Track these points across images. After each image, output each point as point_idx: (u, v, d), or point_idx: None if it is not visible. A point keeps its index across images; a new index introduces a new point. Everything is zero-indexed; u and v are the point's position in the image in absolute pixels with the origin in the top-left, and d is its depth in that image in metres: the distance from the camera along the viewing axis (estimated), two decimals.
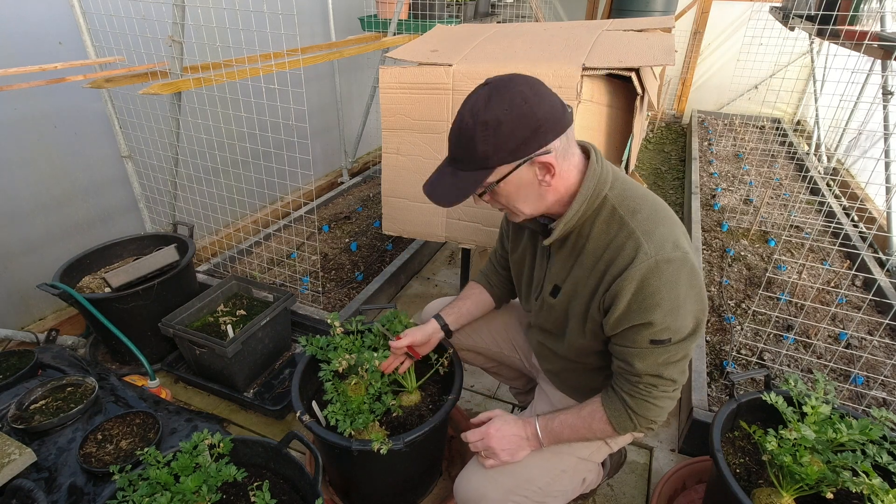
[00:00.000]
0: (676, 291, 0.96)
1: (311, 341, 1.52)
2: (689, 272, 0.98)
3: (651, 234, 0.98)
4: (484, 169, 0.98)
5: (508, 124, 0.93)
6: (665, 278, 0.95)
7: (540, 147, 0.96)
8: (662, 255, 0.96)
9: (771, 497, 1.22)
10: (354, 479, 1.50)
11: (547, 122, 0.95)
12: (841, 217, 3.02)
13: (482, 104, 0.95)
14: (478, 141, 0.95)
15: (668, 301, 0.96)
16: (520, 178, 0.99)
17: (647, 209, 1.03)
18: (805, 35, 3.98)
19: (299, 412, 1.34)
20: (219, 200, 2.53)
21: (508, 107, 0.93)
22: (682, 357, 1.04)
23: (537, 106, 0.94)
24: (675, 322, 0.98)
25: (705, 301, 1.03)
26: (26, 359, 1.80)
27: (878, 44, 1.97)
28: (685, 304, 0.98)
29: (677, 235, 1.00)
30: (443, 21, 3.42)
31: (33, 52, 2.07)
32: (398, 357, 1.44)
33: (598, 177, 1.03)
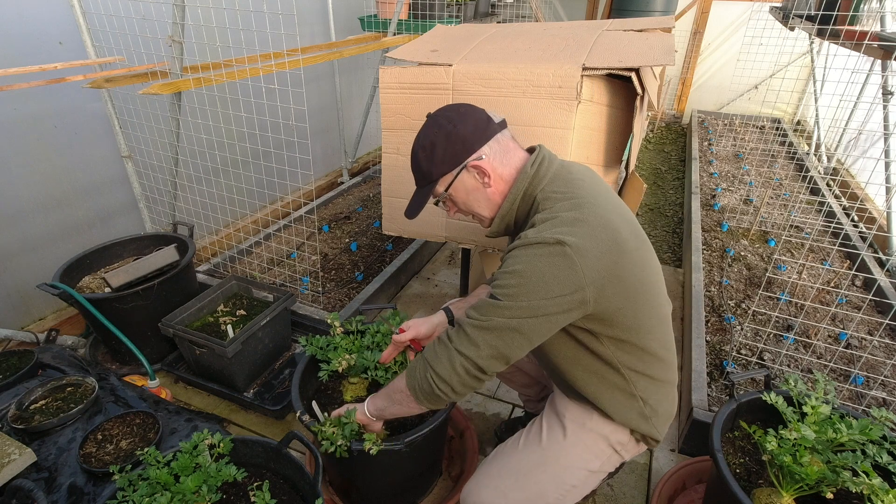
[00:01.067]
0: (532, 264, 0.99)
1: (311, 341, 1.52)
2: (555, 261, 0.97)
3: (542, 223, 1.05)
4: (431, 182, 1.20)
5: (440, 143, 1.15)
6: (527, 253, 1.01)
7: (469, 155, 1.15)
8: (535, 237, 1.01)
9: (771, 497, 1.22)
10: (354, 480, 1.50)
11: (472, 135, 1.15)
12: (841, 217, 3.02)
13: (421, 133, 1.20)
14: (421, 161, 1.19)
15: (517, 264, 1.01)
16: (464, 184, 1.18)
17: (561, 207, 1.06)
18: (805, 35, 3.98)
19: (299, 412, 1.34)
20: (219, 200, 2.53)
21: (436, 130, 1.16)
22: (496, 327, 1.00)
23: (461, 124, 1.15)
24: (515, 286, 0.99)
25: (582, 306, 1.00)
26: (26, 359, 1.80)
27: (878, 44, 1.97)
28: (536, 280, 0.97)
29: (567, 231, 0.99)
30: (443, 21, 3.42)
31: (33, 52, 2.07)
32: (398, 348, 1.43)
33: (528, 179, 1.15)
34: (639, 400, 1.18)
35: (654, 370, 1.18)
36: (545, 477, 1.21)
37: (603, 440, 1.23)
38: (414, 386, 1.11)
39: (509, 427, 1.88)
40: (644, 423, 1.20)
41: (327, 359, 1.47)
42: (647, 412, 1.20)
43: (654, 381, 1.18)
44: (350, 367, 1.46)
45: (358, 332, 1.58)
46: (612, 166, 1.88)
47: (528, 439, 1.29)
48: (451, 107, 1.21)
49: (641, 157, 4.80)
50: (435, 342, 1.11)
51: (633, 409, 1.19)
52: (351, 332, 1.58)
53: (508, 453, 1.28)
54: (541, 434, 1.28)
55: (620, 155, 1.87)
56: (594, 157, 1.83)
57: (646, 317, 1.11)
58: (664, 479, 1.63)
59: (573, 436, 1.23)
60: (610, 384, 1.17)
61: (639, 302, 1.08)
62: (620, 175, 1.93)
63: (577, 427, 1.24)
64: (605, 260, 1.00)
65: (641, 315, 1.10)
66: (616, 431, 1.22)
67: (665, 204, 3.90)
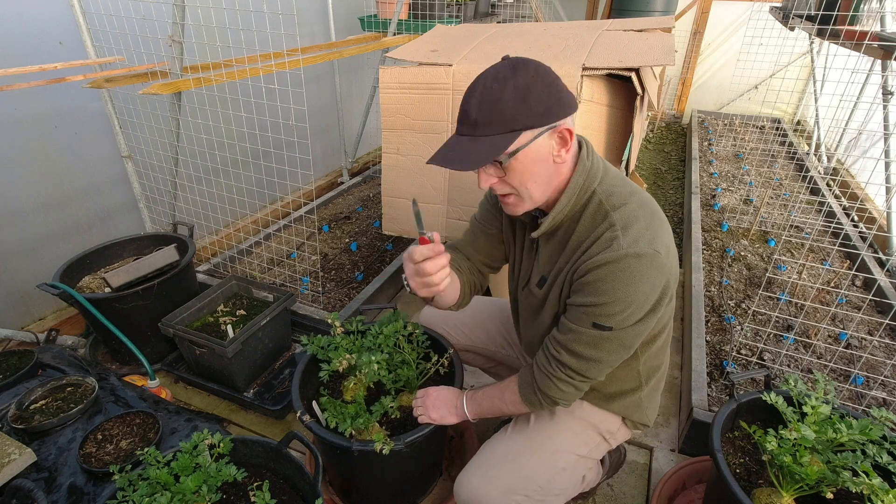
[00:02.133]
0: (636, 287, 0.96)
1: (312, 340, 1.52)
2: (654, 274, 0.97)
3: (629, 228, 0.98)
4: (511, 132, 0.93)
5: (537, 89, 0.93)
6: (630, 271, 0.95)
7: (564, 117, 0.96)
8: (634, 249, 0.95)
9: (771, 497, 1.22)
10: (355, 480, 1.50)
11: (566, 94, 0.97)
12: (841, 217, 3.02)
13: (508, 72, 0.94)
14: (507, 101, 0.92)
15: (622, 290, 0.96)
16: (539, 149, 0.97)
17: (633, 205, 1.03)
18: (805, 35, 3.98)
19: (299, 412, 1.34)
20: (219, 200, 2.53)
21: (535, 74, 0.94)
22: (610, 352, 1.04)
23: (558, 79, 0.97)
24: (623, 312, 0.98)
25: (664, 307, 1.03)
26: (26, 359, 1.80)
27: (878, 44, 1.97)
28: (641, 300, 0.98)
29: (656, 234, 0.99)
30: (443, 21, 3.42)
31: (33, 52, 2.07)
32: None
33: (587, 171, 1.04)
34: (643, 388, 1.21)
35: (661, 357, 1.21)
36: (533, 460, 1.22)
37: (592, 428, 1.25)
38: (535, 404, 1.16)
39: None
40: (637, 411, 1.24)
41: (328, 358, 1.47)
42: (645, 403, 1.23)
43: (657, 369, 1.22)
44: (350, 367, 1.46)
45: (358, 332, 1.58)
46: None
47: (516, 426, 1.31)
48: (535, 60, 0.99)
49: (641, 157, 4.80)
50: (550, 378, 1.10)
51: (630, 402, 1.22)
52: (351, 332, 1.58)
53: (496, 441, 1.30)
54: (528, 420, 1.30)
55: (620, 155, 1.87)
56: None
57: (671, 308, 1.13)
58: (664, 479, 1.63)
59: (561, 421, 1.25)
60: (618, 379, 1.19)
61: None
62: None
63: (566, 413, 1.26)
64: (675, 252, 1.03)
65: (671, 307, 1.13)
66: (606, 420, 1.24)
67: (665, 204, 3.90)
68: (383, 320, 1.57)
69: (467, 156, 0.94)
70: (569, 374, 1.07)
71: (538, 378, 1.12)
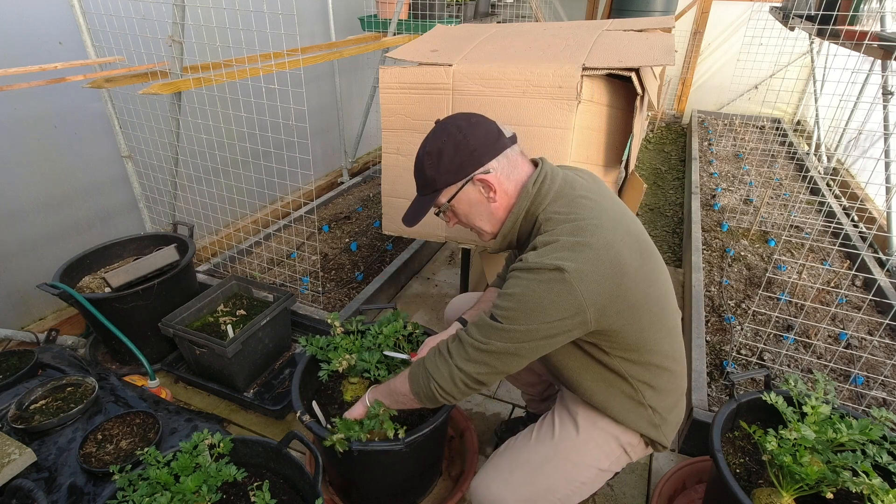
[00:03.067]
0: (531, 289, 0.99)
1: (311, 341, 1.52)
2: (554, 287, 0.97)
3: (543, 246, 1.03)
4: (435, 191, 1.17)
5: (448, 151, 1.12)
6: (526, 277, 1.01)
7: (477, 168, 1.12)
8: (537, 260, 1.00)
9: (771, 497, 1.22)
10: (355, 480, 1.50)
11: (481, 146, 1.12)
12: (841, 217, 3.02)
13: (429, 138, 1.16)
14: (426, 168, 1.15)
15: (517, 288, 1.01)
16: (468, 197, 1.16)
17: (561, 231, 1.05)
18: (805, 35, 3.98)
19: (299, 412, 1.34)
20: (219, 200, 2.53)
21: (445, 137, 1.13)
22: (495, 350, 1.03)
23: (471, 134, 1.12)
24: (513, 310, 1.01)
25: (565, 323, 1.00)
26: (26, 359, 1.80)
27: (878, 44, 1.97)
28: (534, 306, 0.99)
29: (568, 257, 0.98)
30: (443, 21, 3.42)
31: (33, 52, 2.07)
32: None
33: (529, 199, 1.13)
34: (648, 409, 1.18)
35: (662, 381, 1.17)
36: (556, 472, 1.21)
37: (614, 440, 1.23)
38: (418, 392, 1.16)
39: (509, 427, 1.88)
40: (653, 430, 1.20)
41: (327, 359, 1.47)
42: (657, 420, 1.19)
43: (662, 392, 1.19)
44: (350, 367, 1.46)
45: (358, 332, 1.58)
46: (612, 166, 1.88)
47: (539, 434, 1.29)
48: (462, 115, 1.18)
49: (641, 157, 4.80)
50: (436, 353, 1.14)
51: (642, 417, 1.19)
52: (351, 332, 1.58)
53: (519, 447, 1.28)
54: (553, 429, 1.28)
55: (620, 155, 1.87)
56: (594, 157, 1.83)
57: (652, 331, 1.11)
58: (664, 479, 1.63)
59: (585, 433, 1.23)
60: (618, 392, 1.17)
61: (644, 318, 1.08)
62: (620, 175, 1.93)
63: (590, 425, 1.24)
64: (606, 283, 1.00)
65: (647, 330, 1.10)
66: (626, 433, 1.22)
67: (665, 204, 3.90)
68: (383, 320, 1.57)
69: (414, 212, 1.22)
70: (450, 354, 1.10)
71: (430, 352, 1.16)
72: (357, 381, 1.52)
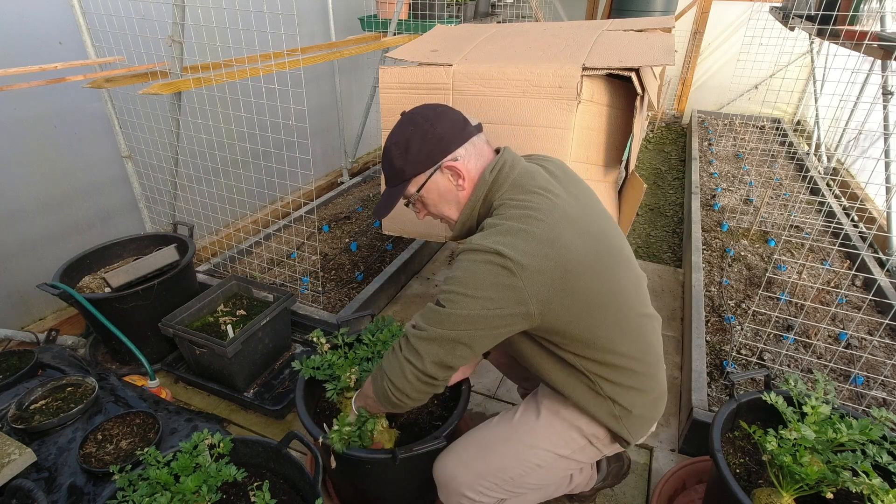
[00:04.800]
0: (472, 270, 1.00)
1: (305, 363, 1.48)
2: (495, 270, 0.97)
3: (488, 229, 1.05)
4: (403, 181, 1.17)
5: (415, 141, 1.13)
6: (467, 259, 1.01)
7: (445, 155, 1.13)
8: (479, 243, 1.01)
9: (771, 497, 1.22)
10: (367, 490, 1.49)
11: (448, 134, 1.13)
12: (841, 217, 3.02)
13: (396, 130, 1.17)
14: (394, 158, 1.16)
15: (459, 271, 1.01)
16: (437, 185, 1.16)
17: (510, 216, 1.06)
18: (805, 35, 3.98)
19: (321, 437, 1.30)
20: (219, 200, 2.53)
21: (413, 127, 1.14)
22: (438, 338, 1.02)
23: (437, 123, 1.13)
24: (456, 293, 1.00)
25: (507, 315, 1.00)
26: (26, 359, 1.80)
27: (878, 44, 1.97)
28: (476, 288, 0.98)
29: (512, 242, 0.99)
30: (443, 21, 3.42)
31: (33, 52, 2.07)
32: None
33: (487, 186, 1.14)
34: (607, 400, 1.17)
35: (623, 378, 1.15)
36: (508, 452, 1.25)
37: (576, 430, 1.23)
38: (378, 393, 1.15)
39: None
40: (614, 422, 1.18)
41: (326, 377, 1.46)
42: (618, 412, 1.17)
43: (623, 388, 1.16)
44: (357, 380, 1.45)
45: (345, 344, 1.56)
46: (612, 166, 1.88)
47: (501, 418, 1.34)
48: (427, 106, 1.19)
49: (641, 157, 4.80)
50: (390, 349, 1.13)
51: (602, 408, 1.17)
52: (338, 345, 1.55)
53: (481, 428, 1.33)
54: (514, 414, 1.32)
55: (620, 155, 1.87)
56: (594, 157, 1.83)
57: (604, 330, 1.09)
58: (664, 479, 1.63)
59: (545, 420, 1.25)
60: (578, 382, 1.17)
61: (595, 316, 1.06)
62: (620, 175, 1.93)
63: (551, 413, 1.25)
64: (547, 275, 0.99)
65: (599, 329, 1.08)
66: (590, 425, 1.22)
67: (665, 204, 3.90)
68: (370, 327, 1.55)
69: (384, 203, 1.22)
70: (400, 344, 1.09)
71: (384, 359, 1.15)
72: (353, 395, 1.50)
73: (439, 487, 1.32)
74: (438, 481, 1.31)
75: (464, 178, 1.15)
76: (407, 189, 1.18)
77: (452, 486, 1.26)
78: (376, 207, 1.24)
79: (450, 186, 1.16)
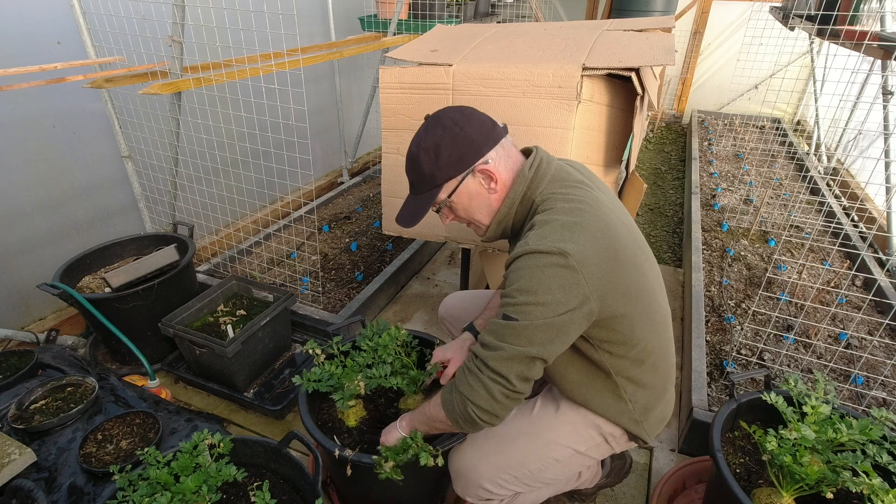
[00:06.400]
0: (538, 277, 0.97)
1: (305, 377, 1.46)
2: (560, 272, 0.96)
3: (542, 227, 1.03)
4: (435, 187, 1.14)
5: (446, 145, 1.10)
6: (532, 264, 0.99)
7: (478, 158, 1.11)
8: (537, 245, 0.99)
9: (771, 497, 1.22)
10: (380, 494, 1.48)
11: (479, 137, 1.11)
12: (841, 217, 3.02)
13: (422, 134, 1.13)
14: (423, 164, 1.12)
15: (525, 281, 0.98)
16: (468, 189, 1.14)
17: (558, 209, 1.05)
18: (805, 35, 3.98)
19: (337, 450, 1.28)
20: (219, 200, 2.53)
21: (442, 131, 1.11)
22: (517, 356, 0.99)
23: (467, 126, 1.11)
24: (527, 304, 0.97)
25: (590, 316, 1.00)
26: (26, 359, 1.80)
27: (878, 44, 1.97)
28: (545, 294, 0.97)
29: (569, 238, 0.98)
30: (443, 21, 3.42)
31: (33, 52, 2.07)
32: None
33: (527, 181, 1.12)
34: (629, 403, 1.19)
35: (647, 377, 1.18)
36: (529, 446, 1.24)
37: (594, 428, 1.25)
38: (456, 419, 1.10)
39: None
40: (634, 425, 1.21)
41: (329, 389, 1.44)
42: (638, 416, 1.21)
43: (645, 388, 1.19)
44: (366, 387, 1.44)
45: (341, 353, 1.54)
46: (612, 166, 1.88)
47: (519, 411, 1.32)
48: (454, 108, 1.16)
49: (641, 157, 4.80)
50: (465, 372, 1.07)
51: (623, 412, 1.20)
52: (334, 355, 1.53)
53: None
54: (533, 407, 1.31)
55: (620, 155, 1.87)
56: (594, 157, 1.83)
57: (641, 325, 1.11)
58: (664, 479, 1.63)
59: (564, 415, 1.25)
60: (600, 389, 1.19)
61: (637, 309, 1.08)
62: (620, 175, 1.93)
63: (571, 408, 1.25)
64: (604, 267, 1.00)
65: (638, 323, 1.10)
66: (608, 424, 1.24)
67: (665, 204, 3.90)
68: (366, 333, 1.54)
69: (411, 212, 1.18)
70: (476, 365, 1.04)
71: (457, 374, 1.11)
72: (355, 403, 1.49)
73: (456, 478, 1.30)
74: (456, 472, 1.29)
75: (496, 180, 1.13)
76: (438, 195, 1.15)
77: (472, 477, 1.25)
78: (402, 215, 1.19)
79: (481, 190, 1.15)
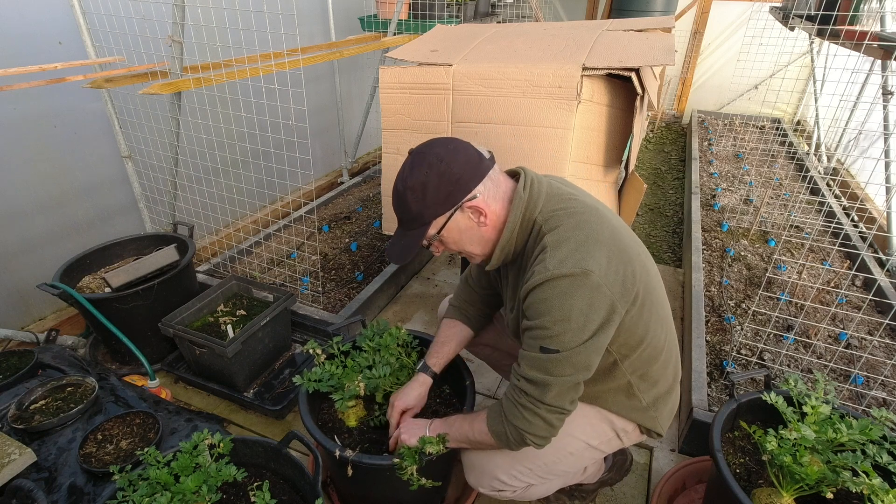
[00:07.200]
0: (569, 303, 0.98)
1: (306, 377, 1.46)
2: (587, 293, 0.98)
3: (557, 249, 1.02)
4: (423, 225, 1.12)
5: (432, 183, 1.07)
6: (560, 291, 0.99)
7: (465, 195, 1.09)
8: (560, 269, 0.99)
9: (771, 497, 1.22)
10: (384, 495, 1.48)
11: (465, 173, 1.08)
12: (841, 217, 3.02)
13: (407, 172, 1.10)
14: (409, 203, 1.10)
15: (557, 310, 0.99)
16: (458, 225, 1.13)
17: (568, 226, 1.06)
18: (805, 35, 3.98)
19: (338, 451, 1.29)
20: (219, 200, 2.53)
21: (428, 169, 1.08)
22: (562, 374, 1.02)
23: (453, 162, 1.08)
24: (564, 332, 0.99)
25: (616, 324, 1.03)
26: (26, 359, 1.80)
27: (878, 44, 1.97)
28: (579, 318, 0.98)
29: (588, 254, 1.00)
30: (443, 21, 3.42)
31: (33, 52, 2.07)
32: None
33: (523, 204, 1.12)
34: (640, 400, 1.22)
35: (656, 372, 1.21)
36: None
37: (608, 423, 1.27)
38: (509, 445, 1.13)
39: None
40: (647, 419, 1.25)
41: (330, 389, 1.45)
42: (651, 411, 1.24)
43: (657, 384, 1.23)
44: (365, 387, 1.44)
45: (342, 353, 1.54)
46: (612, 166, 1.88)
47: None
48: (438, 142, 1.13)
49: (641, 157, 4.80)
50: (518, 407, 1.08)
51: (635, 408, 1.23)
52: (335, 354, 1.54)
53: None
54: None
55: (620, 155, 1.87)
56: (594, 157, 1.83)
57: (653, 321, 1.13)
58: (664, 479, 1.63)
59: (580, 409, 1.25)
60: (612, 387, 1.21)
61: (645, 306, 1.10)
62: (620, 175, 1.93)
63: (585, 402, 1.27)
64: (621, 271, 1.03)
65: (649, 319, 1.12)
66: (620, 420, 1.27)
67: (665, 204, 3.90)
68: (367, 333, 1.54)
69: (400, 249, 1.16)
70: (531, 402, 1.06)
71: (506, 407, 1.11)
72: (354, 404, 1.50)
73: (469, 469, 1.31)
74: (470, 463, 1.30)
75: (485, 214, 1.11)
76: (427, 232, 1.14)
77: (488, 468, 1.26)
78: (392, 251, 1.18)
79: (471, 224, 1.13)
